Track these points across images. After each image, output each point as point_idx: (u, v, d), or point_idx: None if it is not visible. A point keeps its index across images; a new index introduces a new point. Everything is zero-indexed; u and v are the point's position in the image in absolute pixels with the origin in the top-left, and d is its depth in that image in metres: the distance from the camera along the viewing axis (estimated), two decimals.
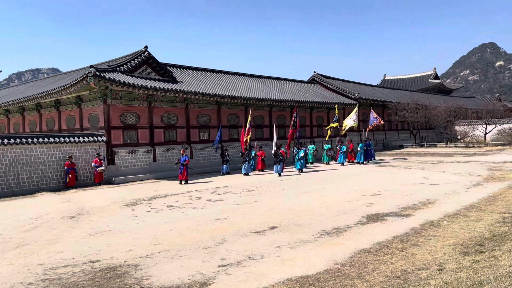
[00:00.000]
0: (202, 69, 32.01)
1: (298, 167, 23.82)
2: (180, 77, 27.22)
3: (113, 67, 22.90)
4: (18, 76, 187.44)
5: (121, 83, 21.16)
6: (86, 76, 20.14)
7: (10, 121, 31.54)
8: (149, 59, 24.86)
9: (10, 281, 6.83)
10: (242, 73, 36.06)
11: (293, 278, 6.44)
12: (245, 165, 23.45)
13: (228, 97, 26.99)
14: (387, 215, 11.03)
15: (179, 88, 24.47)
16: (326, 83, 43.22)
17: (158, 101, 24.83)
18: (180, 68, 29.69)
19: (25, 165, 18.91)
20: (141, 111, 24.12)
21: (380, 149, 42.49)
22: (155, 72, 25.21)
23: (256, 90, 31.98)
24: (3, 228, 11.20)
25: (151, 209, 13.32)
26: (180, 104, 26.18)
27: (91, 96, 23.23)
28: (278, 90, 35.06)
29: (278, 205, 13.28)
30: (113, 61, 25.81)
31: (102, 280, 6.72)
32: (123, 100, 23.07)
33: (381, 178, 19.82)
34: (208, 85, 28.56)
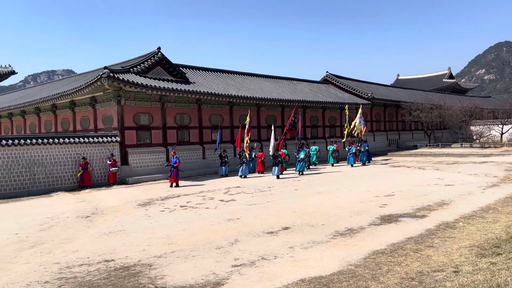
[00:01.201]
0: (215, 69, 32.11)
1: (298, 169, 23.16)
2: (192, 78, 27.35)
3: (127, 68, 23.12)
4: (34, 77, 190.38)
5: (135, 84, 21.35)
6: (100, 77, 20.37)
7: (26, 122, 32.06)
8: (162, 60, 25.03)
9: (27, 280, 6.93)
10: (254, 73, 36.08)
11: (307, 278, 6.41)
12: (242, 167, 22.60)
13: (240, 98, 27.03)
14: (401, 216, 10.92)
15: (192, 88, 24.60)
16: (339, 83, 42.99)
17: (171, 102, 24.99)
18: (193, 69, 29.83)
19: (41, 165, 19.20)
20: (155, 112, 24.30)
21: (394, 150, 42.10)
22: (168, 73, 25.37)
23: (268, 91, 31.97)
24: (20, 227, 11.39)
25: (165, 209, 13.41)
26: (193, 105, 26.31)
27: (105, 97, 23.48)
28: (290, 91, 34.99)
29: (290, 205, 13.25)
30: (126, 62, 26.05)
31: (117, 279, 6.79)
32: (136, 101, 23.27)
33: (394, 178, 19.64)
34: (221, 85, 28.65)
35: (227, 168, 23.78)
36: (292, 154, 26.34)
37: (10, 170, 18.28)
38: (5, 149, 18.18)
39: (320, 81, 43.80)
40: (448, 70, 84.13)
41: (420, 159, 30.78)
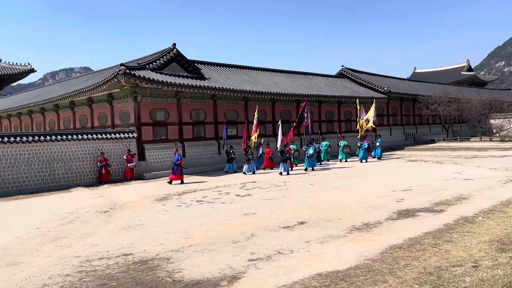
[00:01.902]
0: (229, 65, 32.14)
1: (307, 165, 22.54)
2: (208, 74, 27.45)
3: (143, 65, 23.33)
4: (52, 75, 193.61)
5: (151, 80, 21.54)
6: (116, 74, 20.60)
7: (46, 119, 32.66)
8: (178, 56, 25.16)
9: (48, 273, 7.10)
10: (269, 68, 36.00)
11: (323, 273, 6.41)
12: (246, 165, 22.10)
13: (255, 93, 27.03)
14: (419, 211, 10.80)
15: (207, 84, 24.70)
16: (354, 77, 42.59)
17: (187, 98, 25.15)
18: (208, 64, 29.92)
19: (60, 161, 19.57)
20: (170, 108, 24.49)
21: (411, 144, 41.60)
22: (183, 69, 25.51)
23: (283, 85, 31.88)
24: (41, 221, 11.65)
25: (181, 204, 13.54)
26: (208, 101, 26.42)
27: (121, 93, 23.75)
28: (305, 85, 34.82)
29: (306, 200, 13.23)
30: (142, 59, 26.27)
31: (135, 272, 6.90)
32: (152, 97, 23.49)
33: (411, 173, 19.41)
34: (236, 81, 28.68)
35: (234, 165, 23.43)
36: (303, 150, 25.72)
37: (31, 166, 18.68)
38: (26, 146, 18.57)
39: (336, 75, 43.46)
40: (467, 62, 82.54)
41: (437, 153, 30.35)
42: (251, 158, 22.25)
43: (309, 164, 22.53)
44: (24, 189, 18.29)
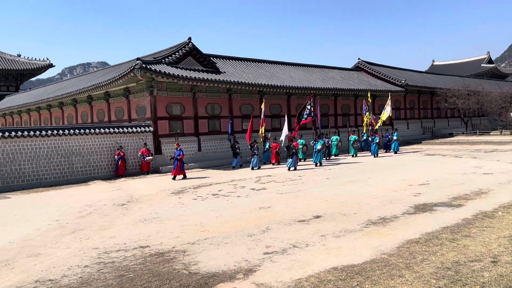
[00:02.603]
0: (245, 59, 32.09)
1: (315, 160, 22.02)
2: (223, 68, 27.47)
3: (159, 59, 23.47)
4: (70, 70, 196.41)
5: (166, 75, 21.66)
6: (133, 68, 20.77)
7: (64, 113, 33.18)
8: (193, 50, 25.23)
9: (67, 264, 7.24)
10: (284, 62, 35.83)
11: (339, 267, 6.39)
12: (253, 159, 21.70)
13: (270, 87, 26.95)
14: (437, 205, 10.66)
15: (222, 78, 24.72)
16: (371, 70, 42.09)
17: (202, 92, 25.23)
18: (223, 58, 29.93)
19: (78, 154, 19.89)
20: (186, 102, 24.61)
21: (428, 138, 41.01)
22: (198, 63, 25.57)
23: (298, 79, 31.71)
24: (60, 213, 11.88)
25: (197, 197, 13.63)
26: (224, 95, 26.45)
27: (138, 88, 23.96)
28: (321, 78, 34.56)
29: (321, 194, 13.18)
30: (158, 53, 26.43)
31: (152, 264, 6.98)
32: (168, 91, 23.63)
33: (429, 167, 19.15)
34: (251, 75, 28.64)
35: (239, 160, 22.99)
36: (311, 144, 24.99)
37: (50, 159, 19.03)
38: (45, 139, 18.92)
39: (352, 68, 43.03)
40: (487, 54, 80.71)
41: (456, 147, 29.85)
42: (257, 152, 21.88)
43: (318, 159, 22.00)
44: (43, 182, 18.67)
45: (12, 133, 18.08)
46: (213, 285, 5.91)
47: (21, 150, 18.32)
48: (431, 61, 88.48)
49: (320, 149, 22.08)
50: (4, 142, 17.86)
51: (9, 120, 42.18)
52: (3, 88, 52.29)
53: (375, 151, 26.02)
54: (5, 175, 17.82)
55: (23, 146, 18.37)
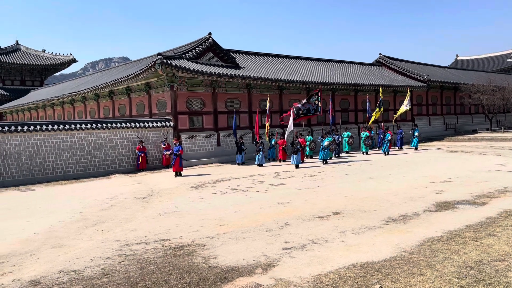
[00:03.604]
0: (264, 54, 32.01)
1: (321, 157, 21.29)
2: (242, 63, 27.46)
3: (179, 54, 23.63)
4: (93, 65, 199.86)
5: (187, 70, 21.80)
6: (154, 63, 20.97)
7: (86, 107, 33.78)
8: (213, 45, 25.30)
9: (90, 255, 7.40)
10: (304, 57, 35.58)
11: (358, 264, 6.35)
12: (258, 156, 21.16)
13: (290, 82, 26.84)
14: (459, 203, 10.46)
15: (242, 73, 24.72)
16: (393, 65, 41.42)
17: (222, 87, 25.30)
18: (243, 53, 29.92)
19: (100, 148, 20.25)
20: (206, 97, 24.73)
21: (451, 134, 40.18)
22: (218, 58, 25.63)
23: (318, 74, 31.47)
24: (83, 206, 12.13)
25: (216, 192, 13.72)
26: (243, 90, 26.47)
27: (158, 82, 24.19)
28: (341, 74, 34.22)
29: (341, 190, 13.09)
30: (178, 49, 26.60)
31: (172, 257, 7.07)
32: (188, 86, 23.78)
33: (451, 164, 18.78)
34: (270, 70, 28.56)
35: (243, 156, 22.26)
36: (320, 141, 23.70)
37: (73, 153, 19.44)
38: (69, 133, 19.32)
39: (373, 63, 42.43)
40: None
41: (480, 144, 29.18)
42: (262, 149, 21.29)
43: (324, 156, 21.28)
44: (67, 175, 19.08)
45: (37, 127, 18.52)
46: (232, 279, 5.95)
47: (46, 144, 18.75)
48: (454, 56, 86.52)
49: (327, 146, 21.34)
50: (29, 135, 18.31)
51: (34, 114, 43.20)
52: (28, 83, 53.56)
53: (386, 148, 25.08)
54: (30, 168, 18.29)
55: (47, 140, 18.80)
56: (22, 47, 54.47)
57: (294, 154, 20.15)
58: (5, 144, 17.76)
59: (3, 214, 11.49)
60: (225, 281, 5.88)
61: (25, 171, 18.14)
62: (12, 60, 50.82)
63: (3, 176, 17.60)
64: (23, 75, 53.07)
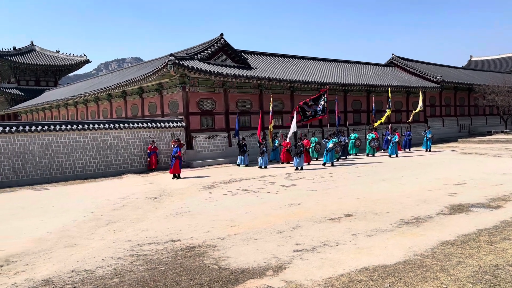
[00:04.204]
0: (276, 54, 31.96)
1: (326, 159, 20.79)
2: (254, 64, 27.46)
3: (191, 55, 23.72)
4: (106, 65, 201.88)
5: (199, 71, 21.87)
6: (166, 64, 21.08)
7: (99, 107, 34.11)
8: (225, 46, 25.34)
9: (102, 255, 7.45)
10: (316, 57, 35.44)
11: (370, 267, 6.27)
12: (261, 158, 20.78)
13: (301, 82, 26.75)
14: (473, 206, 10.29)
15: (253, 74, 24.72)
16: (406, 66, 41.03)
17: (233, 88, 25.32)
18: (254, 54, 29.92)
19: (113, 148, 20.41)
20: (217, 98, 24.78)
21: (465, 136, 39.66)
22: (230, 59, 25.67)
23: (330, 75, 31.31)
24: (95, 206, 12.23)
25: (227, 192, 13.72)
26: (254, 90, 26.46)
27: (171, 83, 24.31)
28: (353, 74, 34.00)
29: (353, 192, 12.98)
30: (190, 49, 26.70)
31: (183, 258, 7.08)
32: (200, 86, 23.86)
33: (466, 166, 18.51)
34: (282, 70, 28.51)
35: (246, 158, 21.96)
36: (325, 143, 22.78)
37: (86, 152, 19.63)
38: (82, 133, 19.52)
39: (386, 64, 42.09)
40: None
41: (494, 146, 28.72)
42: (265, 150, 20.92)
43: (329, 159, 20.80)
44: (79, 175, 19.28)
45: (51, 127, 18.75)
46: (242, 281, 5.93)
47: (59, 143, 18.97)
48: (468, 57, 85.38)
49: (331, 148, 20.75)
50: (43, 135, 18.54)
51: (48, 114, 43.77)
52: (43, 83, 54.30)
53: (393, 150, 24.36)
54: (44, 167, 18.51)
55: (61, 140, 19.02)
56: (37, 48, 55.25)
57: (297, 157, 19.68)
58: (19, 144, 18.00)
59: (17, 213, 11.65)
60: (235, 283, 5.86)
61: (39, 170, 18.37)
62: (27, 61, 51.60)
63: (17, 175, 17.85)
64: (37, 76, 53.83)
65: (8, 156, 17.72)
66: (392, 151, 24.35)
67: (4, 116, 52.43)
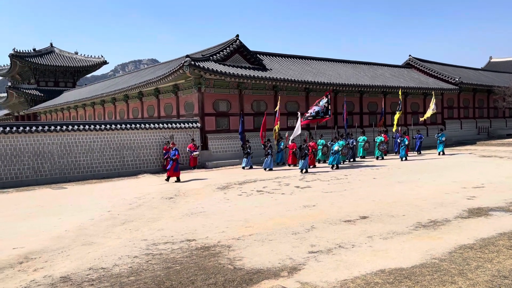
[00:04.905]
0: (291, 56, 31.92)
1: (331, 162, 20.36)
2: (269, 65, 27.47)
3: (207, 56, 23.85)
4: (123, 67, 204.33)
5: (214, 72, 21.98)
6: (182, 65, 21.25)
7: (116, 108, 34.56)
8: (240, 47, 25.42)
9: (118, 253, 7.53)
10: (331, 58, 35.29)
11: (386, 269, 6.21)
12: (266, 159, 20.40)
13: (317, 84, 26.64)
14: (493, 210, 10.10)
15: (269, 75, 24.73)
16: (423, 67, 40.53)
17: (248, 89, 25.38)
18: (269, 55, 29.93)
19: (129, 148, 20.65)
20: (232, 99, 24.87)
21: (484, 138, 38.97)
22: (245, 60, 25.73)
23: (346, 76, 31.12)
24: (112, 205, 12.39)
25: (242, 193, 13.74)
26: (269, 92, 26.47)
27: (186, 84, 24.49)
28: (369, 76, 33.74)
29: (368, 194, 12.87)
30: (206, 51, 26.85)
31: (198, 258, 7.12)
32: (216, 88, 23.98)
33: (484, 169, 18.18)
34: (297, 72, 28.44)
35: (249, 160, 21.59)
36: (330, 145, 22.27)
37: (103, 152, 19.90)
38: (99, 133, 19.79)
39: (402, 66, 41.65)
40: None
41: None
42: (270, 152, 20.47)
43: (334, 161, 20.34)
44: (96, 174, 19.55)
45: (69, 127, 19.07)
46: (257, 281, 5.93)
47: (77, 143, 19.27)
48: (488, 58, 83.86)
49: (337, 151, 20.34)
50: (62, 135, 18.86)
51: (66, 114, 44.52)
52: (61, 84, 55.26)
53: (403, 153, 23.69)
54: (62, 167, 18.83)
55: (78, 140, 19.32)
56: (56, 49, 56.27)
57: (302, 159, 19.20)
58: (39, 143, 18.35)
59: (36, 211, 11.87)
60: (250, 283, 5.86)
61: (58, 170, 18.69)
62: (46, 62, 52.62)
63: (37, 174, 18.19)
64: (56, 77, 54.81)
65: (28, 156, 18.08)
66: (403, 154, 23.82)
67: (24, 116, 53.54)
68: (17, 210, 12.13)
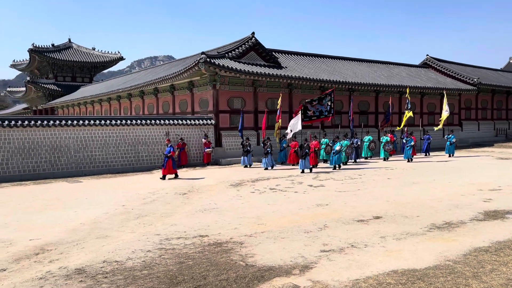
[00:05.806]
0: (306, 54, 31.78)
1: (333, 162, 20.04)
2: (284, 63, 27.41)
3: (222, 54, 23.91)
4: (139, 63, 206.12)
5: (229, 69, 22.03)
6: (197, 62, 21.34)
7: (132, 104, 34.88)
8: (256, 45, 25.41)
9: (132, 247, 7.63)
10: (347, 57, 35.02)
11: (399, 270, 6.16)
12: (266, 158, 19.99)
13: (332, 82, 26.48)
14: (509, 213, 9.93)
15: (283, 73, 24.69)
16: (440, 67, 39.95)
17: (263, 87, 25.36)
18: (285, 53, 29.86)
19: (144, 144, 20.85)
20: (247, 96, 24.89)
21: (502, 140, 38.27)
22: (261, 58, 25.71)
23: (361, 75, 30.87)
24: (126, 199, 12.53)
25: (255, 191, 13.77)
26: (284, 90, 26.38)
27: (201, 81, 24.59)
28: (385, 75, 33.41)
29: (382, 194, 12.77)
30: (222, 48, 26.92)
31: (210, 254, 7.16)
32: (230, 85, 24.03)
33: (502, 172, 17.86)
34: (312, 70, 28.32)
35: (250, 158, 21.14)
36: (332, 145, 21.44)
37: (119, 147, 20.13)
38: (114, 128, 20.03)
39: (419, 65, 41.13)
40: None
41: None
42: (270, 151, 20.05)
43: (336, 161, 19.99)
44: (112, 169, 19.79)
45: (85, 122, 19.34)
46: (269, 278, 5.95)
47: (93, 138, 19.54)
48: (507, 59, 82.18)
49: (339, 151, 19.95)
50: (78, 130, 19.14)
51: (83, 109, 45.14)
52: (78, 79, 56.02)
53: (409, 155, 23.27)
54: (78, 161, 19.11)
55: (94, 134, 19.58)
56: (74, 45, 57.03)
57: (302, 159, 18.63)
58: (56, 137, 18.65)
59: (53, 203, 12.09)
60: (262, 280, 5.88)
61: (74, 164, 18.98)
62: (64, 58, 53.41)
63: (53, 168, 18.50)
64: (74, 72, 55.57)
65: (45, 149, 18.39)
66: (408, 155, 23.41)
67: (42, 110, 54.43)
68: (34, 202, 12.36)
